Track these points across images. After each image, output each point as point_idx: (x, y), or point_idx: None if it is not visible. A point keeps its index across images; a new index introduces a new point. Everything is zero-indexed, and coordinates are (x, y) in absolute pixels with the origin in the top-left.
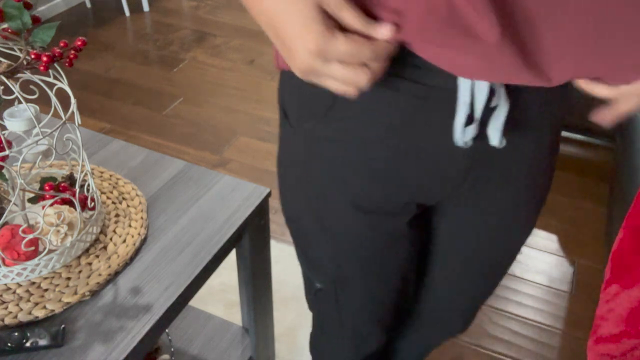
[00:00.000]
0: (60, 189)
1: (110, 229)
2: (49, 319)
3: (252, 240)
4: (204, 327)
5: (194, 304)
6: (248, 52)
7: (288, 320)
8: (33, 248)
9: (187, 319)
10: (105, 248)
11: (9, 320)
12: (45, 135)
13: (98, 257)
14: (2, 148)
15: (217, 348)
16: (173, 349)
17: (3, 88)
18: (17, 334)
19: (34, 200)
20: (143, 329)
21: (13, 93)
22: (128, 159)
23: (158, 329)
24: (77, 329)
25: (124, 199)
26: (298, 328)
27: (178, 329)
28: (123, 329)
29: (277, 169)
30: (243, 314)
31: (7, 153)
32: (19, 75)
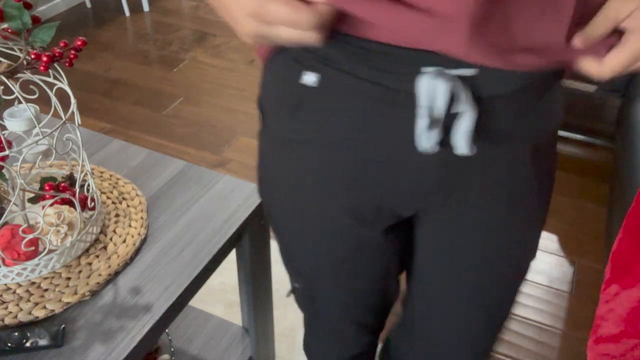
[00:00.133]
0: (60, 189)
1: (110, 229)
2: (49, 319)
3: (252, 240)
4: (204, 327)
5: (194, 304)
6: (248, 52)
7: (288, 320)
8: (33, 248)
9: (187, 319)
10: (105, 248)
11: (9, 320)
12: (45, 135)
13: (98, 257)
14: (2, 148)
15: (217, 348)
16: (173, 349)
17: (3, 88)
18: (17, 334)
19: (34, 200)
20: (143, 329)
21: (13, 93)
22: (128, 159)
23: (158, 329)
24: (77, 329)
25: (124, 199)
26: (298, 328)
27: (178, 329)
28: (123, 329)
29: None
30: (243, 314)
31: (7, 153)
32: (19, 75)
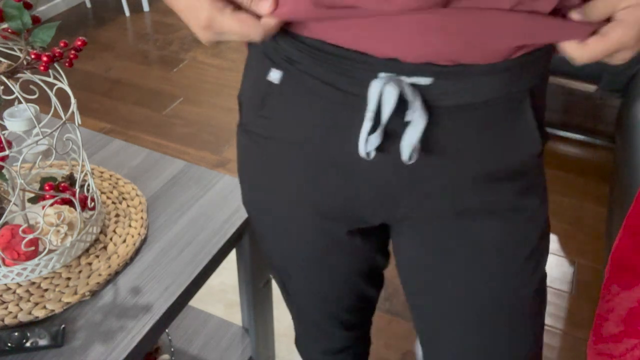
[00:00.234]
0: (60, 189)
1: (110, 229)
2: (49, 319)
3: (252, 240)
4: (204, 327)
5: (194, 304)
6: None
7: (288, 320)
8: (33, 248)
9: (187, 319)
10: (105, 248)
11: (9, 320)
12: (45, 135)
13: (98, 257)
14: (2, 148)
15: (217, 348)
16: (173, 349)
17: (3, 88)
18: (17, 334)
19: (34, 200)
20: (143, 329)
21: (13, 93)
22: (128, 159)
23: (158, 329)
24: (77, 329)
25: (124, 199)
26: None
27: (178, 329)
28: (123, 329)
29: None
30: (243, 314)
31: (7, 153)
32: (19, 75)
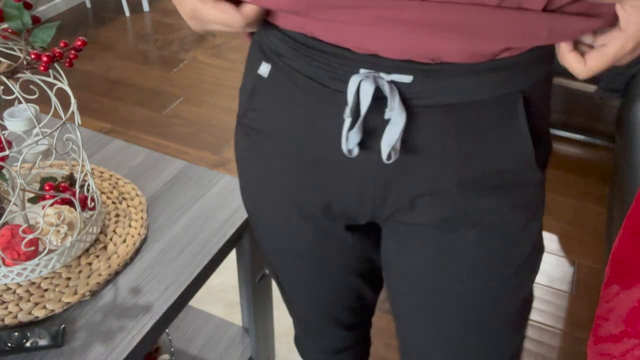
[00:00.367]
0: (60, 189)
1: (110, 229)
2: (49, 319)
3: (252, 240)
4: (204, 327)
5: (194, 304)
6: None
7: (288, 320)
8: (33, 248)
9: (187, 319)
10: (105, 248)
11: (9, 320)
12: (45, 135)
13: (98, 257)
14: (2, 148)
15: (217, 348)
16: (173, 349)
17: (3, 88)
18: (17, 334)
19: (34, 200)
20: (143, 329)
21: (13, 93)
22: (128, 159)
23: (158, 329)
24: (77, 329)
25: (124, 199)
26: None
27: (178, 329)
28: (123, 329)
29: None
30: (243, 314)
31: (7, 153)
32: (19, 75)
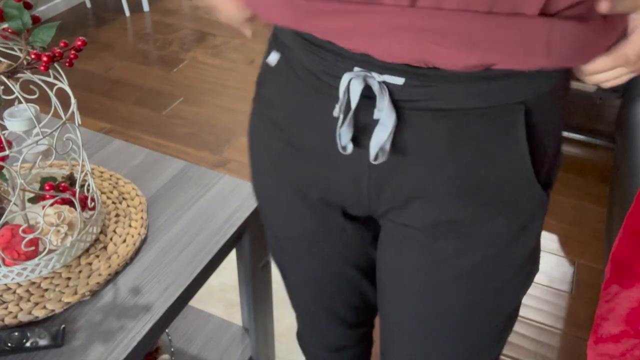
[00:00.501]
0: (60, 189)
1: (110, 229)
2: (49, 319)
3: (252, 240)
4: (204, 327)
5: (194, 304)
6: (248, 52)
7: (288, 320)
8: (33, 248)
9: (187, 319)
10: (105, 248)
11: (9, 320)
12: (45, 135)
13: (98, 257)
14: (2, 148)
15: (217, 348)
16: (173, 349)
17: (3, 88)
18: (17, 334)
19: (34, 200)
20: (143, 329)
21: (13, 93)
22: (128, 159)
23: (158, 329)
24: (77, 329)
25: (124, 199)
26: None
27: (178, 329)
28: (123, 329)
29: None
30: (243, 314)
31: (7, 153)
32: (19, 75)
